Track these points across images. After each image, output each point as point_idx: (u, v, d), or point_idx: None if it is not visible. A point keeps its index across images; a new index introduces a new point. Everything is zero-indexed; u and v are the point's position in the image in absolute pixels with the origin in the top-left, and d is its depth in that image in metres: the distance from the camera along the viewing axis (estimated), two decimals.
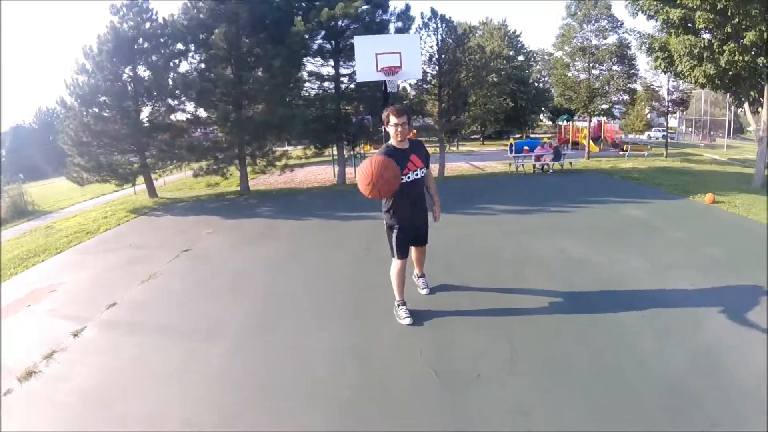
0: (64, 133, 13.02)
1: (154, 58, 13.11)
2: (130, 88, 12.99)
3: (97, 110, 12.54)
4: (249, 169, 13.10)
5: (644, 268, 4.79)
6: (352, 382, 3.00)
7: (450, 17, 12.99)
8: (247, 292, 4.82)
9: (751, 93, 11.82)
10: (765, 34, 9.66)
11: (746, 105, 12.51)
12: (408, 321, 3.63)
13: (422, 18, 12.92)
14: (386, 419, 2.59)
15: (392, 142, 3.50)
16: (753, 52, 10.21)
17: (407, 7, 13.10)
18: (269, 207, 10.33)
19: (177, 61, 13.40)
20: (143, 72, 13.23)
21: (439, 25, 12.77)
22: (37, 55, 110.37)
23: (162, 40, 12.97)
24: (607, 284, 4.38)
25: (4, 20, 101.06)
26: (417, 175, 3.55)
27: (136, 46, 12.75)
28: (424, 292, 4.23)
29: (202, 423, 2.71)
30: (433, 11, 12.74)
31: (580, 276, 4.63)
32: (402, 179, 3.39)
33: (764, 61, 10.29)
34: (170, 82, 13.06)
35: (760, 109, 12.01)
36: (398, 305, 3.76)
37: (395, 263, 3.69)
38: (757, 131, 12.26)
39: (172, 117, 13.66)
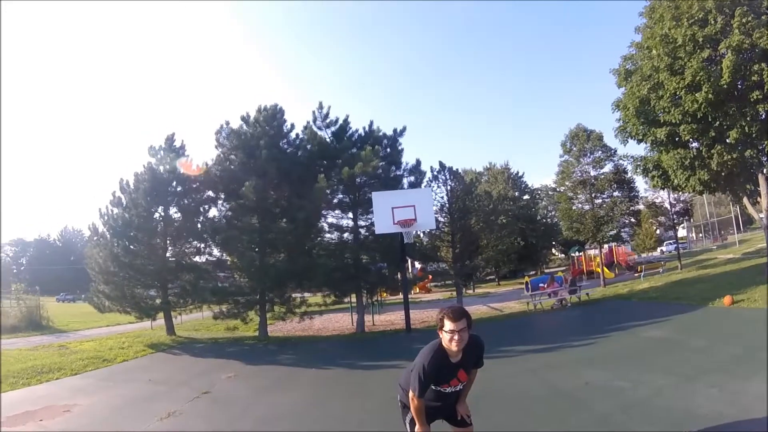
0: (92, 259, 13.64)
1: (185, 201, 14.19)
2: (160, 226, 13.83)
3: (127, 243, 13.24)
4: (268, 314, 13.34)
5: (670, 384, 4.85)
6: None
7: (457, 168, 14.28)
8: None
9: (747, 186, 12.27)
10: (746, 128, 10.20)
11: (745, 199, 12.90)
12: None
13: (432, 171, 14.21)
14: None
15: (446, 345, 2.83)
16: (739, 148, 10.70)
17: (418, 162, 14.38)
18: (290, 354, 10.33)
19: (207, 206, 14.41)
20: (174, 213, 14.24)
21: (448, 177, 13.95)
22: (71, 175, 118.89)
23: (194, 186, 14.03)
24: (636, 407, 4.38)
25: (45, 136, 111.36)
26: (456, 389, 3.01)
27: (169, 188, 13.81)
28: None
29: None
30: (441, 164, 14.10)
31: (608, 404, 4.61)
32: (437, 389, 2.98)
33: (751, 153, 10.70)
34: (199, 225, 13.96)
35: (758, 199, 12.25)
36: None
37: None
38: (761, 220, 12.35)
39: (197, 259, 14.28)
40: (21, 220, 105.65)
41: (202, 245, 14.19)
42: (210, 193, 14.28)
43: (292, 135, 14.10)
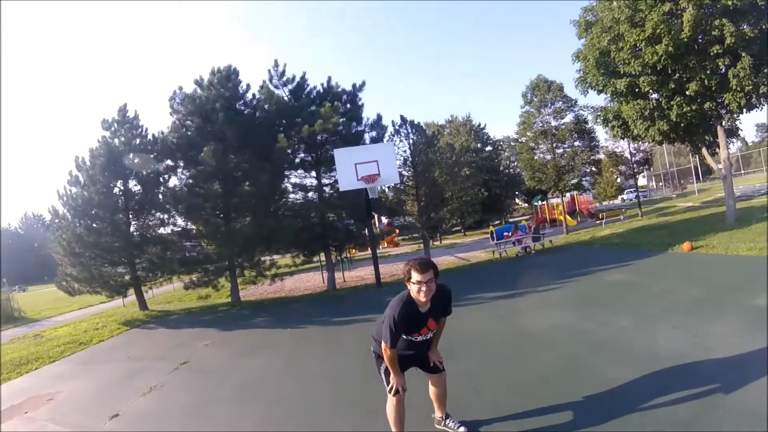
0: (56, 243, 13.23)
1: (144, 172, 13.74)
2: (121, 201, 13.47)
3: (89, 221, 12.89)
4: (239, 279, 13.29)
5: (632, 325, 5.14)
6: None
7: (418, 122, 14.25)
8: (253, 402, 4.75)
9: (706, 137, 12.68)
10: (705, 81, 10.52)
11: (704, 150, 13.33)
12: None
13: (393, 125, 14.13)
14: None
15: (414, 296, 2.93)
16: (698, 101, 11.02)
17: (379, 117, 14.22)
18: (263, 317, 10.39)
19: (166, 176, 14.01)
20: (134, 186, 13.81)
21: (410, 131, 13.94)
22: (27, 160, 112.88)
23: (152, 156, 13.55)
24: (600, 347, 4.62)
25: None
26: (427, 337, 3.15)
27: (127, 161, 13.35)
28: (461, 430, 3.39)
29: None
30: (402, 118, 14.03)
31: (574, 345, 4.85)
32: (408, 338, 3.09)
33: (710, 105, 11.06)
34: (160, 196, 13.61)
35: (717, 150, 12.74)
36: None
37: (389, 399, 3.18)
38: (719, 171, 12.97)
39: (162, 230, 13.99)
40: None
41: (166, 216, 13.87)
42: (169, 161, 13.84)
43: (249, 96, 13.70)
